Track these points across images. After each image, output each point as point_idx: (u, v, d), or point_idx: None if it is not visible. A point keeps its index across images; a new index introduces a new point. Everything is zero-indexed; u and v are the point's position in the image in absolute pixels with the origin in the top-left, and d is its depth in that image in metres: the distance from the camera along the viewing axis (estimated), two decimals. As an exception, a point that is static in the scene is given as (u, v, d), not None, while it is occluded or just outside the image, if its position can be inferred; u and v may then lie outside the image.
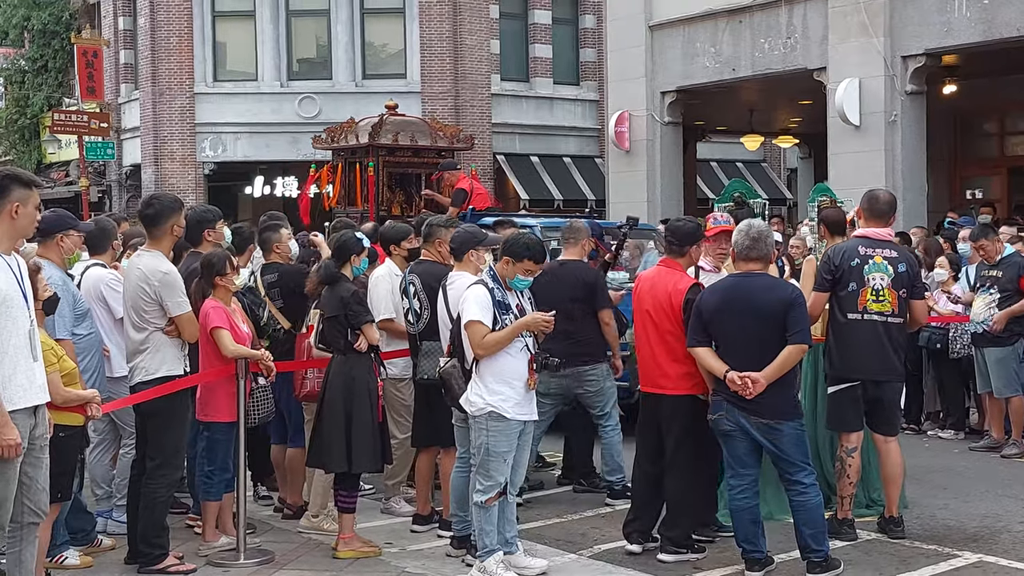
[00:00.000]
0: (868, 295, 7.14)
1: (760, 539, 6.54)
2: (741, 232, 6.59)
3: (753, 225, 6.64)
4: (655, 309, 6.95)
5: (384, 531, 7.64)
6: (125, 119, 28.24)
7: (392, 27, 26.24)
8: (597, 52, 26.67)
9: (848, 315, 7.17)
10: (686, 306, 6.77)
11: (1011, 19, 14.51)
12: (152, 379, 6.64)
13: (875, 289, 7.15)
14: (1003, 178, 19.77)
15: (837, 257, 7.22)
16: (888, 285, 7.16)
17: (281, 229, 8.19)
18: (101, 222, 8.11)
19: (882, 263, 7.19)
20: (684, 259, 7.13)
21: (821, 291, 7.25)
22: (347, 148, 14.18)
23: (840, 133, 16.28)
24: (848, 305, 7.16)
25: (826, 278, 7.22)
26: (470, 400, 6.50)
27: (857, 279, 7.15)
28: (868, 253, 7.20)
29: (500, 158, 26.65)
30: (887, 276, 7.17)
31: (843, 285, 7.16)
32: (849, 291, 7.15)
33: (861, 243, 7.29)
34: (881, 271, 7.17)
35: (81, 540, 6.96)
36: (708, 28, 18.21)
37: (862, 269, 7.16)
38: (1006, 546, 7.20)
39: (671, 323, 6.86)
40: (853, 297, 7.15)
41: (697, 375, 6.77)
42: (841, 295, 7.18)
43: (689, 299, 6.77)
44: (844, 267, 7.16)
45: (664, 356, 6.91)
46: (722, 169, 29.16)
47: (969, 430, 10.94)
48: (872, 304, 7.15)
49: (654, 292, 7.00)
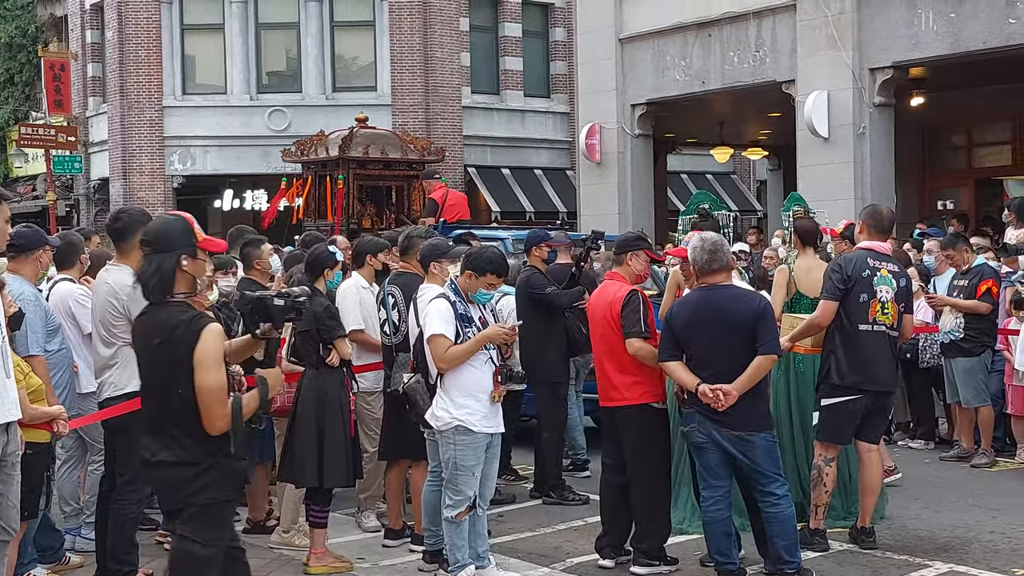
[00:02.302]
0: (877, 307, 7.19)
1: (733, 551, 6.54)
2: (696, 248, 6.58)
3: (705, 238, 6.64)
4: (601, 323, 6.98)
5: (356, 546, 7.60)
6: (93, 132, 28.07)
7: (362, 40, 26.21)
8: (568, 65, 26.74)
9: (860, 326, 7.16)
10: (623, 308, 6.78)
11: (977, 32, 14.65)
12: (121, 394, 6.57)
13: (882, 301, 7.20)
14: (971, 189, 19.93)
15: (849, 267, 7.21)
16: (892, 298, 7.22)
17: (262, 245, 8.15)
18: (68, 236, 8.03)
19: (887, 276, 7.25)
20: (623, 268, 7.12)
21: (832, 299, 7.21)
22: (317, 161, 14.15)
23: (809, 145, 16.37)
24: (859, 316, 7.17)
25: (839, 288, 7.19)
26: (436, 415, 6.48)
27: (868, 290, 7.17)
28: (876, 265, 7.25)
29: (471, 170, 26.64)
30: (891, 289, 7.24)
31: (854, 295, 7.17)
32: (860, 302, 7.16)
33: (869, 255, 7.30)
34: (887, 284, 7.23)
35: (49, 558, 6.89)
36: (678, 41, 18.29)
37: (872, 281, 7.19)
38: (977, 556, 7.24)
39: (614, 333, 6.87)
40: (864, 308, 7.16)
41: (646, 383, 6.80)
42: (851, 305, 7.18)
43: (626, 302, 6.78)
44: (856, 277, 7.17)
45: (612, 368, 6.94)
46: (692, 181, 29.27)
47: (939, 440, 11.00)
48: (880, 316, 7.20)
49: (599, 306, 7.03)
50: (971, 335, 10.05)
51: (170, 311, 4.69)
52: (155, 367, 4.70)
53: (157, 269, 4.72)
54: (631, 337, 6.74)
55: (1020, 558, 7.15)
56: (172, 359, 4.59)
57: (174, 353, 4.58)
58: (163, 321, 4.66)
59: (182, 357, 4.56)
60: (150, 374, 4.77)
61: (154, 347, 4.66)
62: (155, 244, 4.80)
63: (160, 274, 4.71)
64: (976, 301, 9.93)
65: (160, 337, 4.64)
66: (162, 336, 4.63)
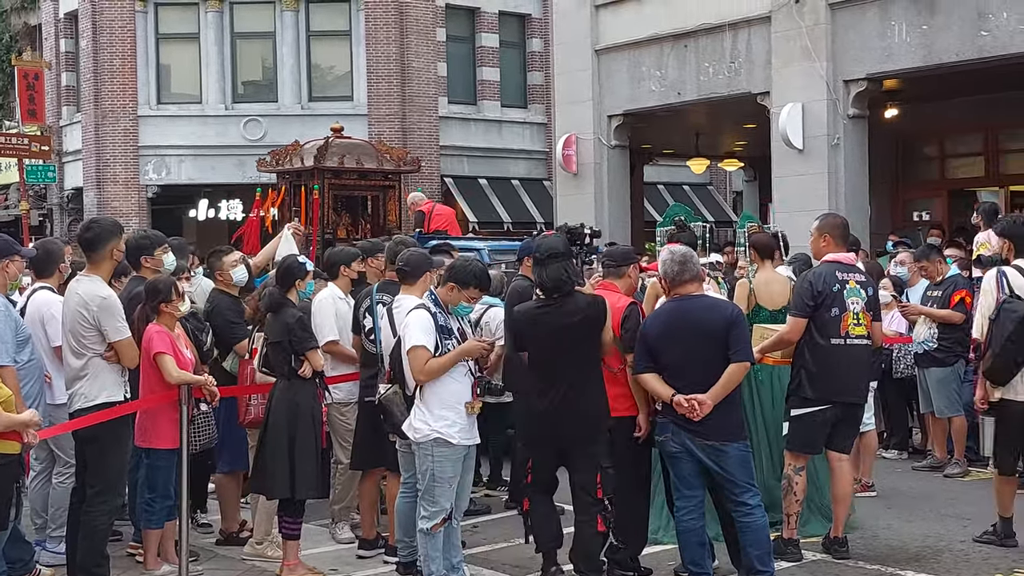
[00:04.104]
0: (850, 319, 7.22)
1: (707, 561, 6.55)
2: (666, 261, 6.62)
3: (674, 251, 6.68)
4: None
5: (329, 557, 7.57)
6: (67, 142, 27.91)
7: (338, 49, 26.18)
8: (544, 75, 26.76)
9: (831, 340, 7.20)
10: (624, 322, 6.76)
11: (950, 44, 14.74)
12: (91, 405, 6.53)
13: (855, 313, 7.23)
14: (944, 200, 20.03)
15: (819, 283, 7.24)
16: (863, 309, 7.26)
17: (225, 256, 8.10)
18: (48, 245, 7.94)
19: (856, 287, 7.31)
20: (622, 281, 7.13)
21: (802, 316, 7.26)
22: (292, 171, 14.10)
23: (784, 156, 16.43)
24: (831, 330, 7.20)
25: (808, 304, 7.23)
26: (414, 427, 6.45)
27: (839, 304, 7.21)
28: (844, 278, 7.29)
29: (448, 181, 26.63)
30: (862, 300, 7.28)
31: (825, 310, 7.20)
32: (831, 316, 7.20)
33: (837, 268, 7.35)
34: (857, 295, 7.29)
35: (19, 570, 6.81)
36: (654, 52, 18.34)
37: (843, 294, 7.23)
38: (948, 565, 7.27)
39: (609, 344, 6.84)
40: (836, 322, 7.20)
41: (632, 396, 6.78)
42: (822, 320, 7.21)
43: (627, 315, 6.77)
44: (827, 292, 7.21)
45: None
46: (669, 192, 29.35)
47: (912, 450, 11.05)
48: (854, 328, 7.25)
49: None
50: (944, 345, 10.11)
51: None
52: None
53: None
54: (631, 352, 6.69)
55: (991, 567, 7.20)
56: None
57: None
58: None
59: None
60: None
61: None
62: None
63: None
64: (950, 311, 9.99)
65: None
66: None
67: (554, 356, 6.54)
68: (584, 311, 6.54)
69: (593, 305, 6.60)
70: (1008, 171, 19.30)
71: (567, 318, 6.50)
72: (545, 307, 6.62)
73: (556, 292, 6.56)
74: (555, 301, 6.56)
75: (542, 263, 6.64)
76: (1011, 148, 19.48)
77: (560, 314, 6.53)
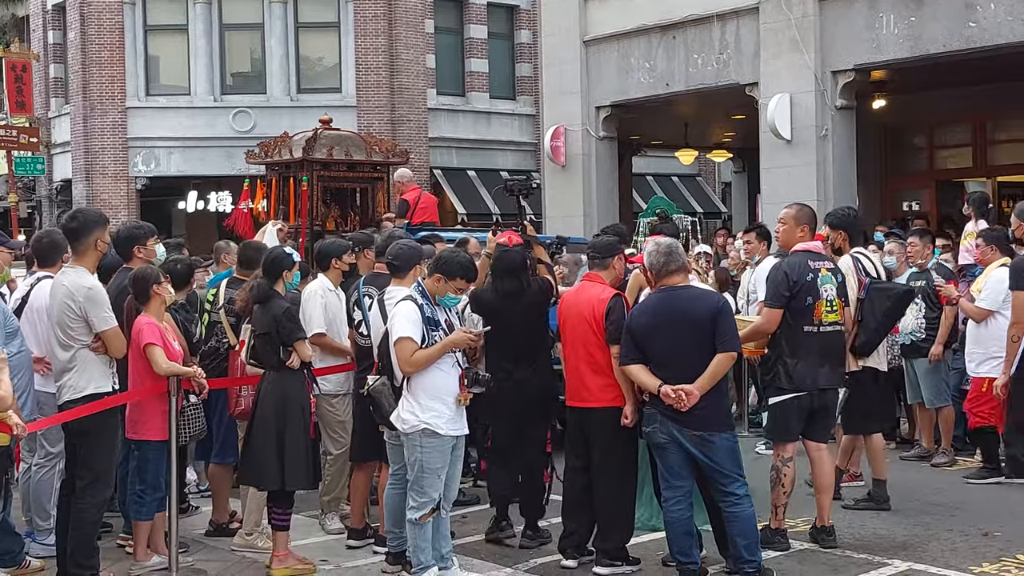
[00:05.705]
0: (823, 307, 7.29)
1: (694, 550, 6.58)
2: (652, 253, 6.66)
3: (659, 243, 6.74)
4: (578, 322, 6.98)
5: (319, 548, 7.58)
6: (55, 134, 27.85)
7: (327, 41, 26.15)
8: (533, 67, 26.77)
9: (804, 327, 7.26)
10: (608, 314, 6.81)
11: (937, 35, 14.78)
12: (79, 397, 6.53)
13: (828, 300, 7.30)
14: (932, 191, 20.10)
15: (794, 273, 7.29)
16: (836, 295, 7.32)
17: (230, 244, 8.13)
18: (52, 235, 7.91)
19: (828, 275, 7.39)
20: (607, 272, 7.16)
21: (777, 307, 7.31)
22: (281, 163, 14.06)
23: (772, 147, 16.46)
24: (804, 318, 7.26)
25: (784, 295, 7.28)
26: (402, 418, 6.47)
27: (813, 293, 7.27)
28: (816, 267, 7.36)
29: (437, 172, 26.62)
30: (833, 287, 7.36)
31: (800, 300, 7.25)
32: (806, 305, 7.26)
33: (808, 257, 7.41)
34: (829, 283, 7.36)
35: (8, 562, 6.83)
36: (642, 44, 18.34)
37: (816, 283, 7.29)
38: (935, 554, 7.31)
39: (593, 335, 6.90)
40: (810, 310, 7.26)
41: (619, 386, 6.81)
42: (797, 309, 7.26)
43: (611, 307, 6.81)
44: (801, 282, 7.26)
45: (587, 369, 6.95)
46: (658, 183, 29.37)
47: (900, 440, 11.09)
48: (827, 315, 7.32)
49: (577, 307, 7.04)
50: (932, 335, 10.15)
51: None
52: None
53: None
54: (616, 344, 6.75)
55: (978, 556, 7.23)
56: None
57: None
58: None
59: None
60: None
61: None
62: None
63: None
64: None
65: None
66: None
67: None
68: (532, 298, 7.46)
69: (540, 292, 7.49)
70: (996, 161, 19.38)
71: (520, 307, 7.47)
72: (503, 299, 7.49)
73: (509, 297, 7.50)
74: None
75: (500, 278, 7.54)
76: (999, 139, 19.56)
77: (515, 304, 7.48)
